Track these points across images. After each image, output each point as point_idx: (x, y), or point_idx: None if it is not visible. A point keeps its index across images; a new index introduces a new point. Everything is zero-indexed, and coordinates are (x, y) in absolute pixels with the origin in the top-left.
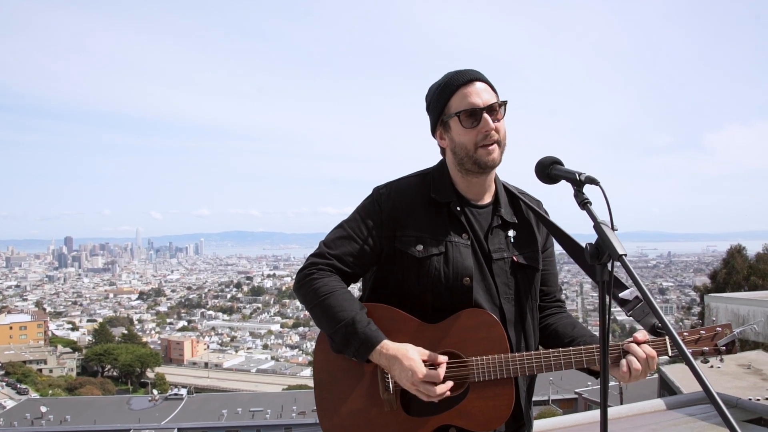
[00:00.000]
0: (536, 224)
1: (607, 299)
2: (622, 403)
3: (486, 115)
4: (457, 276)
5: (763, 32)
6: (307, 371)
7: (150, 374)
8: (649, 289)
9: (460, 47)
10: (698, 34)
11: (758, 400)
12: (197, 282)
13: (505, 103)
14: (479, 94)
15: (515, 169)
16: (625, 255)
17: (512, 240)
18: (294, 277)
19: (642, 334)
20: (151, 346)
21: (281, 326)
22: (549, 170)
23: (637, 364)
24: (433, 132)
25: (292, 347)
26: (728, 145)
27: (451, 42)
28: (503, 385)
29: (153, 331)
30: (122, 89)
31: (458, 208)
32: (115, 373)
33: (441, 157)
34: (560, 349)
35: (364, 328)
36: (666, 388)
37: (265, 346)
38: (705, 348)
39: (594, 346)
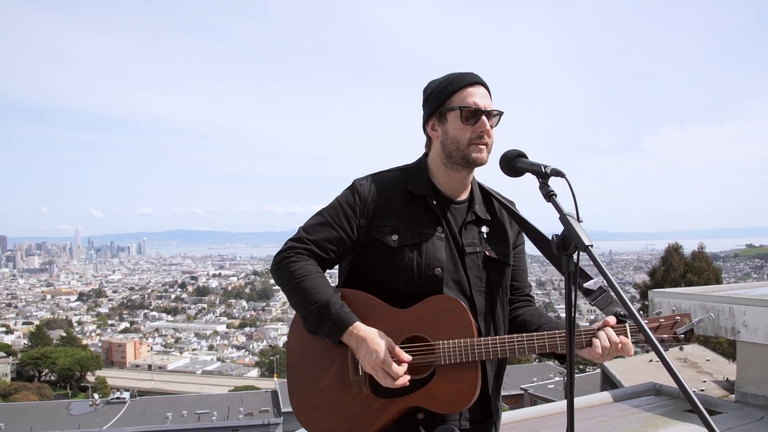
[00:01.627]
0: (508, 222)
1: (573, 289)
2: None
3: (484, 117)
4: (429, 266)
5: (697, 40)
6: (254, 372)
7: (90, 378)
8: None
9: (406, 47)
10: (638, 39)
11: (702, 390)
12: (140, 282)
13: (501, 114)
14: (482, 98)
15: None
16: (591, 246)
17: (485, 236)
18: (238, 276)
19: (612, 319)
20: (92, 349)
21: (227, 327)
22: (514, 163)
23: (605, 342)
24: (426, 122)
25: (238, 348)
26: (665, 147)
27: (399, 42)
28: (469, 368)
29: (93, 333)
30: (59, 82)
31: (434, 202)
32: (52, 378)
33: (418, 155)
34: (524, 334)
35: (338, 310)
36: (608, 382)
37: (211, 347)
38: (664, 336)
39: (558, 331)
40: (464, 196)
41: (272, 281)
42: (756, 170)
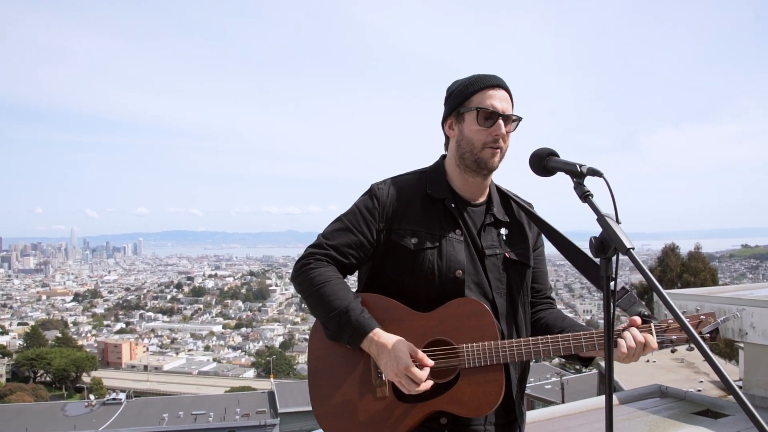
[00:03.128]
0: (527, 224)
1: (612, 294)
2: (564, 400)
3: (501, 121)
4: (449, 269)
5: (695, 41)
6: (250, 372)
7: (86, 379)
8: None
9: (401, 47)
10: (634, 39)
11: (699, 391)
12: (136, 283)
13: (519, 120)
14: (501, 101)
15: None
16: (633, 249)
17: (504, 238)
18: (234, 277)
19: (638, 319)
20: (87, 350)
21: (223, 327)
22: (545, 162)
23: (631, 342)
24: (444, 120)
25: (234, 348)
26: (661, 148)
27: (394, 42)
28: (493, 371)
29: (89, 334)
30: (55, 82)
31: (453, 205)
32: (48, 379)
33: (436, 157)
34: (548, 336)
35: (358, 316)
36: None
37: (207, 348)
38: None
39: (583, 332)
40: (482, 198)
41: (268, 281)
42: (752, 171)
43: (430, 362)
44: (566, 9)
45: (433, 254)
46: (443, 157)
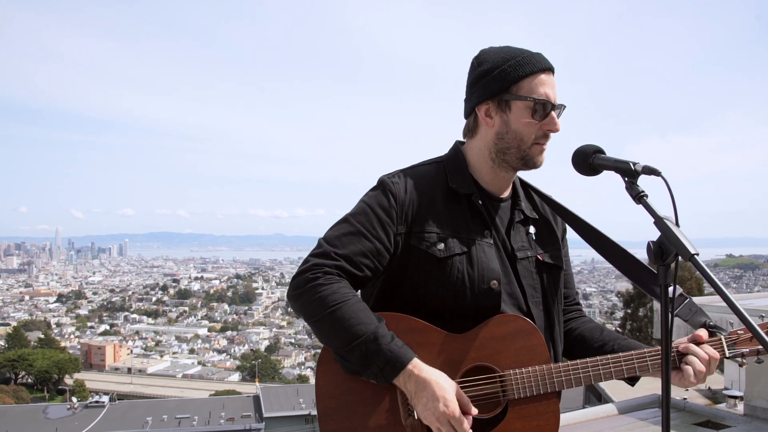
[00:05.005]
0: (554, 219)
1: (671, 305)
2: None
3: (554, 114)
4: (483, 279)
5: (682, 52)
6: (235, 376)
7: (68, 381)
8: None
9: (389, 52)
10: (620, 51)
11: (685, 399)
12: (121, 284)
13: (564, 107)
14: (553, 89)
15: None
16: (697, 254)
17: (534, 237)
18: (221, 279)
19: (703, 332)
20: (70, 351)
21: (208, 330)
22: (591, 159)
23: (700, 366)
24: (477, 104)
25: (219, 352)
26: (649, 158)
27: (381, 47)
28: (547, 401)
29: (72, 336)
30: (41, 79)
31: (480, 202)
32: (29, 380)
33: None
34: (609, 357)
35: (389, 345)
36: (592, 392)
37: (192, 351)
38: (745, 350)
39: (646, 350)
40: (507, 192)
41: (254, 285)
42: (737, 181)
43: (475, 410)
44: (555, 13)
45: (462, 261)
46: (460, 143)
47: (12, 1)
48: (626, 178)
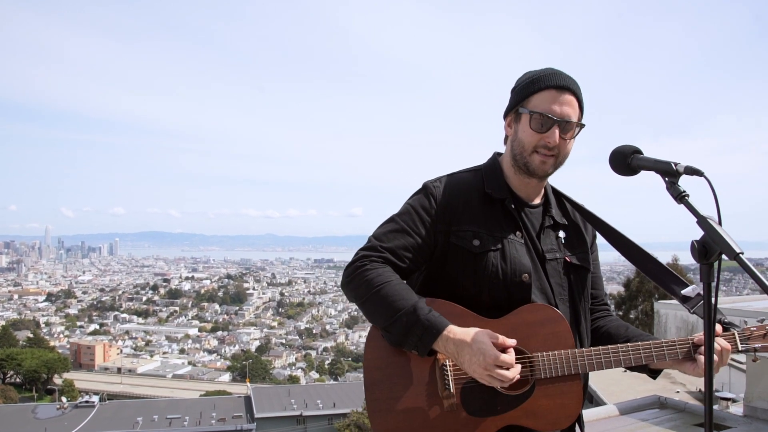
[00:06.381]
0: (583, 225)
1: (714, 302)
2: None
3: (556, 129)
4: (515, 273)
5: (676, 57)
6: (226, 376)
7: (57, 380)
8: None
9: (382, 54)
10: (612, 54)
11: (678, 393)
12: (111, 283)
13: (582, 126)
14: (562, 105)
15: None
16: (742, 253)
17: (563, 240)
18: (212, 279)
19: (718, 327)
20: (60, 351)
21: (199, 330)
22: (630, 160)
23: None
24: (505, 116)
25: (209, 352)
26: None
27: (375, 49)
28: (571, 381)
29: (62, 335)
30: (31, 77)
31: (512, 206)
32: (18, 380)
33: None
34: (629, 345)
35: (426, 315)
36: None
37: (182, 351)
38: (757, 345)
39: (665, 341)
40: (538, 199)
41: (245, 285)
42: (727, 185)
43: (512, 341)
44: (550, 19)
45: (496, 257)
46: (498, 154)
47: (12, 1)
48: (667, 178)
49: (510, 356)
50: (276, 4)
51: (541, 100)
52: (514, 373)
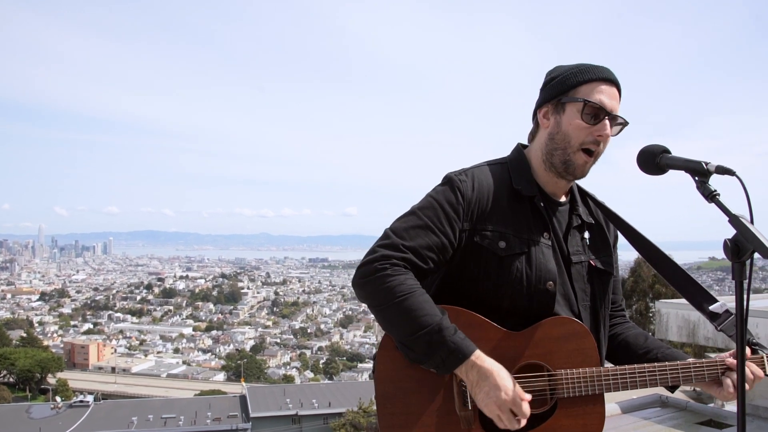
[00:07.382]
0: (606, 226)
1: (746, 301)
2: None
3: (607, 120)
4: (540, 280)
5: (664, 56)
6: (220, 376)
7: (51, 380)
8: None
9: (378, 55)
10: (606, 54)
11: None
12: (105, 283)
13: (626, 124)
14: (611, 99)
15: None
16: None
17: (588, 242)
18: (206, 278)
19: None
20: (53, 350)
21: (193, 329)
22: (659, 159)
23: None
24: (539, 107)
25: (204, 351)
26: (632, 161)
27: (371, 50)
28: (594, 402)
29: (55, 334)
30: (31, 77)
31: (542, 204)
32: (11, 380)
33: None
34: (656, 365)
35: (452, 336)
36: None
37: (176, 350)
38: None
39: (693, 361)
40: (564, 197)
41: (240, 284)
42: (720, 185)
43: (528, 396)
44: (545, 19)
45: (522, 261)
46: (522, 146)
47: (12, 1)
48: (697, 178)
49: (527, 408)
50: (275, 5)
51: (590, 90)
52: (519, 424)
